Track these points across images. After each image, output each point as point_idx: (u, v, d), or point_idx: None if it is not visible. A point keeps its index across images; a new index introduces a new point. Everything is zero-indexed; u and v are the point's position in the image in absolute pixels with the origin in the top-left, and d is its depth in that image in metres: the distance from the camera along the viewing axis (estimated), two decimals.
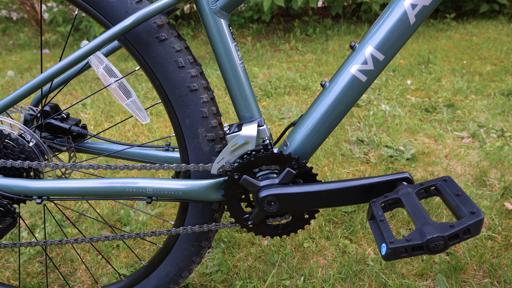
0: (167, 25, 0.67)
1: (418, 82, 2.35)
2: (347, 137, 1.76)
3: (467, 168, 1.48)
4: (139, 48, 0.67)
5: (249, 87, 0.71)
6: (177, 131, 0.73)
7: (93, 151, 0.88)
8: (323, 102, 0.68)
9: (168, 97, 0.70)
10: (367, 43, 0.64)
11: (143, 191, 0.72)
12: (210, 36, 0.67)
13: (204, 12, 0.66)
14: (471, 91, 2.17)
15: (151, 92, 2.46)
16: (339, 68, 0.68)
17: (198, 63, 0.71)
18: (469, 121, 1.83)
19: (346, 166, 1.53)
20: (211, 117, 0.72)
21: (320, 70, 2.66)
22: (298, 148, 0.71)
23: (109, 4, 0.64)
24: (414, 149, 1.61)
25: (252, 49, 3.37)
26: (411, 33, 0.63)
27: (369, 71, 0.65)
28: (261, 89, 2.41)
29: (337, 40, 3.38)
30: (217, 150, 0.74)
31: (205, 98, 0.70)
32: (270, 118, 1.98)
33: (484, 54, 2.74)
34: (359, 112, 2.00)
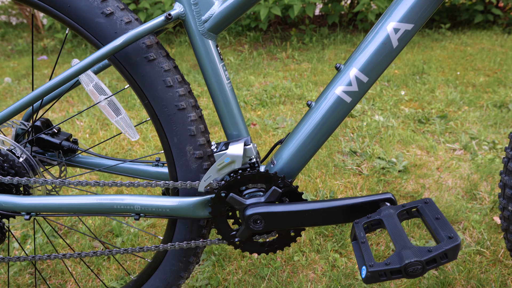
0: (155, 45, 0.68)
1: (412, 92, 2.37)
2: (340, 148, 1.77)
3: (458, 181, 1.49)
4: (128, 68, 0.68)
5: (237, 106, 0.73)
6: (165, 148, 0.74)
7: (84, 165, 0.88)
8: (308, 122, 0.70)
9: (157, 115, 0.71)
10: (352, 65, 0.66)
11: (131, 208, 0.72)
12: (198, 56, 0.69)
13: (192, 33, 0.67)
14: (464, 102, 2.19)
15: None
16: (325, 89, 0.69)
17: (187, 82, 0.72)
18: (461, 133, 1.85)
19: (338, 178, 1.54)
20: (199, 135, 0.72)
21: (315, 80, 2.68)
22: (285, 166, 0.72)
23: (99, 24, 0.65)
24: (406, 161, 1.62)
25: (249, 57, 3.39)
26: (394, 56, 0.65)
27: (353, 92, 0.66)
28: (256, 98, 2.42)
29: (333, 49, 3.41)
30: (205, 167, 0.75)
31: (193, 116, 0.71)
32: (265, 128, 2.00)
33: (478, 65, 2.76)
34: (353, 123, 2.01)
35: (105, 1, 0.65)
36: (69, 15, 0.65)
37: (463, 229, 1.23)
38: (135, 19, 0.68)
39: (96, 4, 0.64)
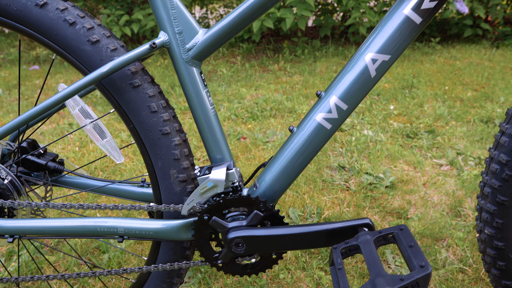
0: (141, 71, 0.70)
1: (401, 106, 2.40)
2: (329, 163, 1.79)
3: (444, 197, 1.51)
4: (113, 93, 0.69)
5: (220, 130, 0.74)
6: (150, 171, 0.75)
7: (70, 186, 0.89)
8: (290, 147, 0.71)
9: (142, 139, 0.72)
10: (332, 92, 0.68)
11: (115, 231, 0.73)
12: (182, 83, 0.70)
13: (177, 61, 0.69)
14: (451, 117, 2.23)
15: None
16: (306, 115, 0.71)
17: (171, 107, 0.73)
18: (448, 148, 1.88)
19: (326, 194, 1.55)
20: (183, 159, 0.74)
21: (306, 93, 2.71)
22: (267, 190, 0.74)
23: (85, 52, 0.67)
24: (394, 177, 1.64)
25: (241, 69, 3.42)
26: (373, 85, 0.67)
27: (333, 119, 0.68)
28: (247, 111, 2.44)
29: (325, 62, 3.45)
30: (189, 190, 0.76)
31: (177, 141, 0.72)
32: (255, 142, 2.01)
33: (466, 80, 2.81)
34: (342, 137, 2.04)
35: (91, 29, 0.66)
36: (56, 42, 0.66)
37: (446, 246, 1.25)
38: (121, 46, 0.69)
39: (82, 32, 0.66)
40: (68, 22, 0.65)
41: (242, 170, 1.74)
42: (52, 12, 0.65)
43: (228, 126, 2.23)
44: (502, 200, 0.72)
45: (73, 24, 0.65)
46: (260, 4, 0.66)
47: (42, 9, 0.64)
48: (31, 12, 0.64)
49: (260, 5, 0.66)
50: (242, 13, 0.67)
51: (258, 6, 0.66)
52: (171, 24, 0.66)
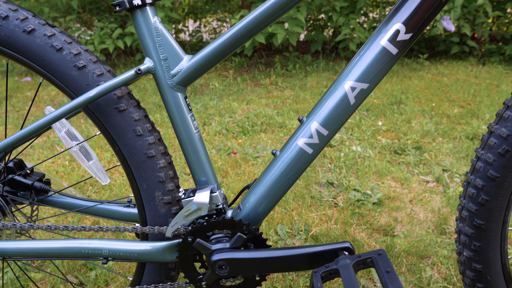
0: (127, 95, 0.71)
1: (389, 122, 2.44)
2: (318, 179, 1.81)
3: (429, 214, 1.54)
4: (99, 117, 0.71)
5: (205, 153, 0.75)
6: (135, 193, 0.76)
7: (56, 205, 0.89)
8: (273, 171, 0.73)
9: (127, 161, 0.73)
10: (313, 118, 0.70)
11: (99, 252, 0.74)
12: (167, 107, 0.72)
13: (162, 86, 0.70)
14: (438, 134, 2.27)
15: None
16: (289, 139, 0.73)
17: (156, 130, 0.75)
18: (434, 165, 1.91)
19: (314, 210, 1.57)
20: (168, 181, 0.75)
21: (297, 108, 2.74)
22: (251, 212, 0.75)
23: (71, 77, 0.68)
24: (381, 193, 1.66)
25: (233, 82, 3.45)
26: (352, 111, 0.69)
27: (315, 144, 0.70)
28: (238, 126, 2.46)
29: (316, 77, 3.50)
30: (174, 212, 0.77)
31: (162, 163, 0.74)
32: (245, 157, 2.03)
33: (453, 96, 2.87)
34: (331, 153, 2.06)
35: (78, 55, 0.68)
36: (43, 67, 0.68)
37: (431, 264, 1.27)
38: (107, 71, 0.71)
39: (69, 58, 0.67)
40: (55, 48, 0.66)
41: (231, 186, 1.74)
42: (39, 38, 0.66)
43: (219, 141, 2.25)
44: (479, 224, 0.74)
45: (60, 50, 0.67)
46: (244, 32, 0.68)
47: (30, 35, 0.66)
48: (19, 38, 0.66)
49: (244, 33, 0.68)
50: (226, 41, 0.69)
51: (242, 34, 0.69)
52: (156, 51, 0.68)
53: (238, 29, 0.68)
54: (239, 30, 0.68)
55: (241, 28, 0.68)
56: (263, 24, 0.68)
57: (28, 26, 0.66)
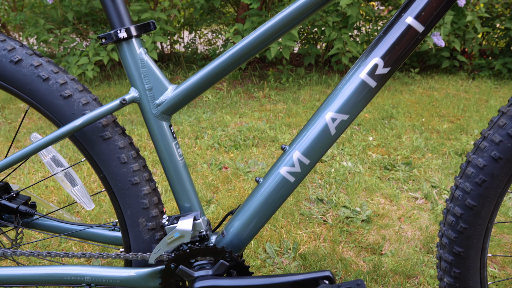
0: (112, 123, 0.72)
1: (380, 137, 2.46)
2: (308, 195, 1.82)
3: (417, 232, 1.55)
4: (85, 144, 0.71)
5: (189, 180, 0.76)
6: (120, 218, 0.77)
7: (42, 229, 0.89)
8: (256, 198, 0.74)
9: (112, 188, 0.74)
10: (295, 148, 0.71)
11: (81, 279, 0.74)
12: (152, 136, 0.73)
13: (147, 115, 0.71)
14: (428, 149, 2.29)
15: None
16: (272, 167, 0.74)
17: (141, 157, 0.76)
18: (423, 181, 1.93)
19: (303, 227, 1.57)
20: (152, 207, 0.76)
21: (289, 122, 2.76)
22: (234, 238, 0.75)
23: (57, 106, 0.69)
24: (370, 210, 1.68)
25: (227, 95, 3.47)
26: (333, 141, 0.70)
27: (297, 173, 0.71)
28: (230, 140, 2.47)
29: (309, 90, 3.53)
30: (158, 237, 0.77)
31: (146, 190, 0.74)
32: (236, 172, 2.03)
33: (443, 111, 2.91)
34: (322, 168, 2.07)
35: (64, 84, 0.69)
36: (29, 95, 0.69)
37: (418, 284, 1.27)
38: (93, 99, 0.72)
39: (55, 87, 0.68)
40: (41, 77, 0.67)
41: (221, 202, 1.75)
42: (26, 68, 0.67)
43: (211, 155, 2.26)
44: (458, 251, 0.75)
45: (47, 80, 0.68)
46: (229, 63, 0.70)
47: (17, 65, 0.67)
48: (6, 68, 0.67)
49: (228, 63, 0.70)
50: (211, 71, 0.70)
51: (227, 65, 0.70)
52: (141, 81, 0.69)
53: (224, 59, 0.70)
54: (226, 60, 0.70)
55: (228, 58, 0.70)
56: (251, 53, 0.70)
57: (15, 56, 0.67)
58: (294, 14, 0.66)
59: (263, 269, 1.35)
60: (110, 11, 0.66)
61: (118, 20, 0.67)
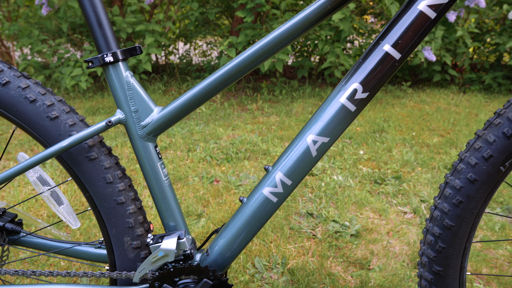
0: (98, 144, 0.73)
1: (371, 151, 2.49)
2: (298, 209, 1.83)
3: (405, 247, 1.56)
4: (71, 164, 0.73)
5: (174, 200, 0.78)
6: (105, 237, 0.78)
7: (28, 246, 0.90)
8: (239, 217, 0.75)
9: (97, 207, 0.75)
10: (278, 169, 0.73)
11: None
12: (138, 156, 0.74)
13: (133, 136, 0.73)
14: (418, 163, 2.32)
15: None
16: (255, 187, 0.75)
17: (127, 176, 0.77)
18: (412, 196, 1.95)
19: (292, 242, 1.58)
20: (137, 226, 0.77)
21: (281, 134, 2.78)
22: (218, 257, 0.77)
23: (44, 127, 0.70)
24: (359, 225, 1.69)
25: (220, 107, 3.50)
26: (314, 163, 0.72)
27: (279, 193, 0.73)
28: (222, 152, 2.48)
29: (302, 103, 3.56)
30: (143, 256, 0.78)
31: (131, 209, 0.75)
32: (227, 186, 2.04)
33: (433, 125, 2.95)
34: (312, 182, 2.09)
35: (51, 106, 0.70)
36: (16, 116, 0.70)
37: None
38: (80, 120, 0.73)
39: (42, 109, 0.70)
40: (28, 99, 0.69)
41: (211, 216, 1.76)
42: (13, 90, 0.69)
43: (202, 168, 2.27)
44: (437, 270, 0.77)
45: (34, 102, 0.69)
46: (216, 85, 0.72)
47: (4, 87, 0.68)
48: None
49: (215, 85, 0.72)
50: (197, 93, 0.72)
51: (213, 87, 0.72)
52: (127, 103, 0.71)
53: (211, 81, 0.72)
54: (213, 82, 0.72)
55: (214, 80, 0.72)
56: (239, 74, 0.71)
57: (3, 78, 0.68)
58: (279, 38, 0.68)
59: (251, 285, 1.35)
60: (97, 35, 0.68)
61: (105, 45, 0.68)
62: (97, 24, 0.68)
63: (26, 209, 1.80)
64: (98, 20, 0.68)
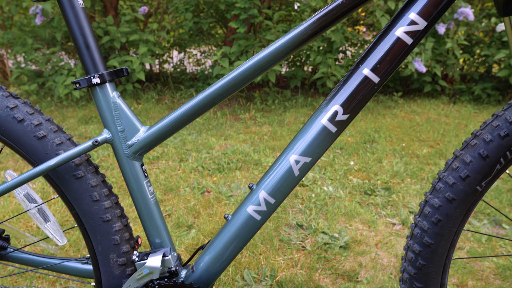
0: (85, 162, 0.75)
1: (361, 162, 2.51)
2: (288, 221, 1.84)
3: (393, 259, 1.58)
4: (58, 182, 0.74)
5: (160, 217, 0.79)
6: (91, 254, 0.78)
7: (16, 262, 0.90)
8: (224, 234, 0.76)
9: (83, 224, 0.76)
10: (261, 187, 0.74)
11: None
12: (124, 175, 0.75)
13: (119, 155, 0.74)
14: (407, 174, 2.35)
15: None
16: (240, 205, 0.77)
17: (113, 194, 0.78)
18: (401, 207, 1.97)
19: (281, 254, 1.59)
20: (123, 243, 0.78)
21: (273, 145, 2.80)
22: (203, 274, 0.78)
23: (31, 146, 0.71)
24: (348, 236, 1.71)
25: (213, 117, 3.51)
26: (297, 182, 0.74)
27: (263, 211, 0.75)
28: (214, 163, 2.50)
29: (294, 113, 3.59)
30: (128, 273, 0.79)
31: (117, 227, 0.76)
32: (218, 197, 2.05)
33: (423, 136, 2.98)
34: (303, 193, 2.11)
35: (39, 125, 0.72)
36: (4, 136, 0.71)
37: None
38: (67, 139, 0.74)
39: (30, 128, 0.71)
40: (16, 119, 0.70)
41: (202, 227, 1.76)
42: (1, 110, 0.70)
43: (194, 179, 2.27)
44: (418, 287, 0.78)
45: (22, 121, 0.70)
46: (200, 106, 0.74)
47: None
48: None
49: (200, 106, 0.74)
50: (183, 113, 0.74)
51: (200, 106, 0.74)
52: (114, 123, 0.73)
53: (197, 101, 0.73)
54: (199, 102, 0.73)
55: (201, 99, 0.73)
56: (229, 92, 0.73)
57: None
58: (266, 59, 0.70)
59: None
60: (85, 57, 0.70)
61: (93, 66, 0.70)
62: (84, 47, 0.69)
63: (16, 220, 1.79)
64: (86, 43, 0.69)
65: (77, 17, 0.68)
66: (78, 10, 0.68)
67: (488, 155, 0.69)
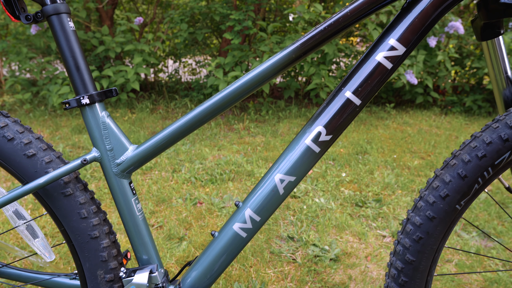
0: (74, 180, 0.76)
1: (353, 173, 2.54)
2: (279, 233, 1.85)
3: (382, 271, 1.59)
4: (46, 200, 0.75)
5: (148, 234, 0.80)
6: (79, 270, 0.79)
7: (3, 278, 0.91)
8: (210, 251, 0.78)
9: (71, 241, 0.77)
10: (247, 205, 0.76)
11: None
12: (112, 192, 0.77)
13: (108, 174, 0.76)
14: (398, 186, 2.37)
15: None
16: (226, 222, 0.78)
17: (102, 210, 0.79)
18: (392, 219, 1.99)
19: (272, 266, 1.60)
20: (111, 259, 0.78)
21: (266, 155, 2.82)
22: None
23: (21, 164, 0.73)
24: (339, 249, 1.72)
25: (207, 127, 3.53)
26: (282, 201, 0.76)
27: (248, 229, 0.76)
28: (207, 173, 2.51)
29: (288, 123, 3.62)
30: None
31: (105, 243, 0.78)
32: (210, 208, 2.06)
33: (414, 148, 3.02)
34: (295, 204, 2.12)
35: (29, 144, 0.73)
36: None
37: None
38: (57, 157, 0.76)
39: (20, 147, 0.72)
40: (6, 138, 0.71)
41: (193, 239, 1.77)
42: None
43: (186, 190, 2.28)
44: None
45: (11, 140, 0.72)
46: (187, 127, 0.75)
47: None
48: None
49: (187, 127, 0.75)
50: (172, 132, 0.76)
51: (187, 127, 0.75)
52: (102, 142, 0.74)
53: (186, 120, 0.75)
54: (183, 124, 0.75)
55: (190, 118, 0.75)
56: (218, 111, 0.75)
57: None
58: (255, 78, 0.72)
59: None
60: (75, 78, 0.72)
61: (82, 87, 0.72)
62: (75, 68, 0.71)
63: (6, 234, 1.79)
64: (76, 64, 0.71)
65: (68, 40, 0.70)
66: (69, 33, 0.70)
67: (466, 175, 0.71)
